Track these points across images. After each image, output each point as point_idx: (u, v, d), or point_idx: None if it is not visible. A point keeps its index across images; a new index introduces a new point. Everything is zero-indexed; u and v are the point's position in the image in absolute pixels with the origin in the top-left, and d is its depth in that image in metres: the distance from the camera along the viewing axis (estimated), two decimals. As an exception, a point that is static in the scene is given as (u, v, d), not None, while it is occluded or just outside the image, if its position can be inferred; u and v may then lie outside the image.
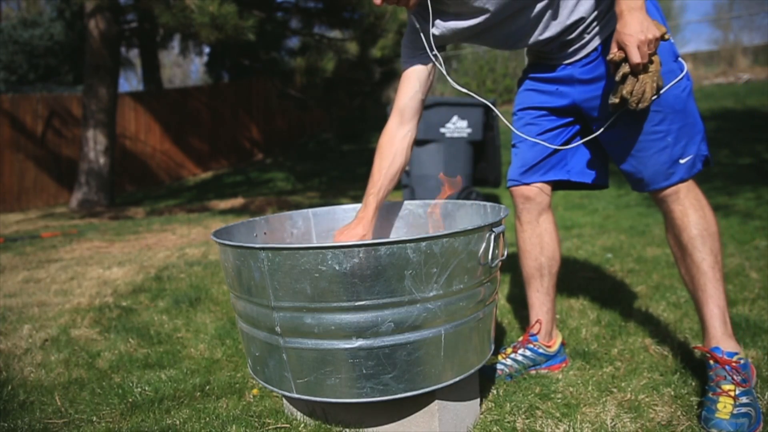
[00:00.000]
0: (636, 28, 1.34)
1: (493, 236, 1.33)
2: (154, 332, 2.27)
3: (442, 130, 5.00)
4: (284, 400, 1.56)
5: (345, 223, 1.86)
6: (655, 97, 1.42)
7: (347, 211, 1.90)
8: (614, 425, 1.43)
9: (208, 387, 1.75)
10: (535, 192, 1.78)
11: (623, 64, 1.39)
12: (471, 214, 1.73)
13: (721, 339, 1.51)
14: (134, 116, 11.12)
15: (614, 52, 1.40)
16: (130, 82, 25.08)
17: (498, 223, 1.38)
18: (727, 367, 1.46)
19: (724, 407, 1.40)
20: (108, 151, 8.05)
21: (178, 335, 2.24)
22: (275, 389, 1.39)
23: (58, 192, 9.84)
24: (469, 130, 5.11)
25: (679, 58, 1.53)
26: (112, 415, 1.59)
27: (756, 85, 11.67)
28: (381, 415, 1.39)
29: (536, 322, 1.82)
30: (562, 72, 1.68)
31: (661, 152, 1.54)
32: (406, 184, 5.19)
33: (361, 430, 1.40)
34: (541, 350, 1.79)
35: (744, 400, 1.42)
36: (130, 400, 1.66)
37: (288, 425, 1.47)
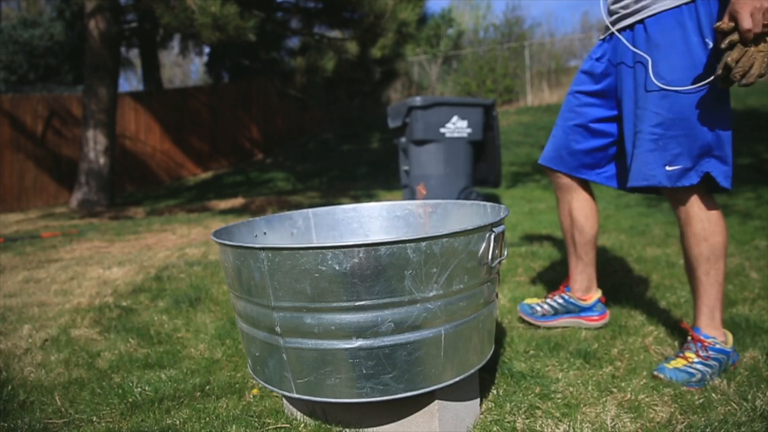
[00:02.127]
0: None
1: (493, 236, 1.33)
2: (154, 332, 2.27)
3: (442, 130, 5.00)
4: (284, 400, 1.56)
5: (345, 223, 1.88)
6: (757, 79, 1.36)
7: (347, 211, 1.90)
8: (614, 425, 1.43)
9: (208, 387, 1.75)
10: (564, 179, 2.01)
11: (733, 33, 1.34)
12: (471, 214, 1.73)
13: (705, 325, 1.70)
14: (134, 116, 11.12)
15: (724, 21, 1.36)
16: (130, 82, 25.07)
17: (498, 223, 1.38)
18: (698, 343, 1.66)
19: (676, 363, 1.63)
20: (108, 151, 8.05)
21: (178, 335, 2.24)
22: (275, 389, 1.39)
23: (58, 192, 9.84)
24: (469, 130, 5.11)
25: (716, 66, 1.50)
26: (112, 415, 1.59)
27: (756, 85, 11.67)
28: (381, 415, 1.39)
29: (568, 278, 2.15)
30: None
31: (650, 153, 1.59)
32: (405, 184, 5.19)
33: (361, 430, 1.40)
34: (572, 299, 2.09)
35: (698, 366, 1.57)
36: (130, 400, 1.66)
37: (288, 425, 1.47)
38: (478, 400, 1.53)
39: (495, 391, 1.64)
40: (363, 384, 1.28)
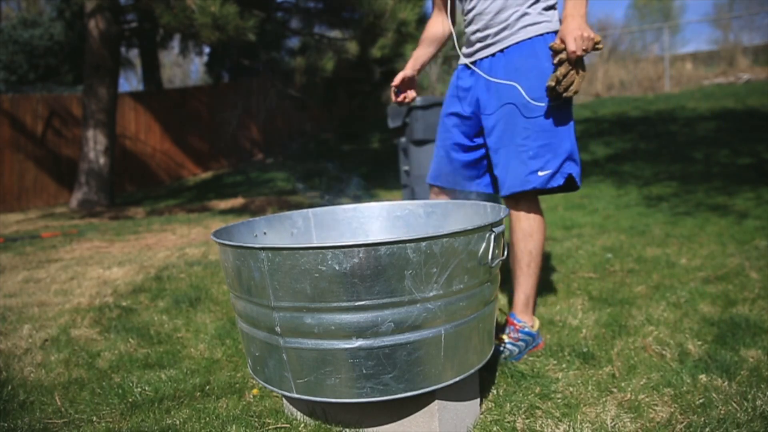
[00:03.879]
0: (575, 25, 1.69)
1: (493, 236, 1.33)
2: (154, 332, 2.27)
3: (442, 130, 4.99)
4: (284, 400, 1.56)
5: (345, 223, 1.88)
6: (573, 94, 1.73)
7: (347, 211, 1.90)
8: (614, 425, 1.43)
9: (208, 387, 1.75)
10: (448, 193, 2.14)
11: (562, 52, 1.68)
12: (471, 214, 1.73)
13: (519, 311, 1.93)
14: (134, 116, 11.12)
15: (556, 42, 1.70)
16: (130, 82, 25.08)
17: (498, 223, 1.38)
18: (511, 326, 1.90)
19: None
20: (108, 151, 8.05)
21: (178, 335, 2.24)
22: (275, 389, 1.39)
23: (58, 192, 9.84)
24: (469, 130, 5.11)
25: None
26: (112, 415, 1.59)
27: (756, 85, 11.68)
28: (381, 415, 1.39)
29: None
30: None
31: (523, 162, 1.83)
32: (405, 184, 5.19)
33: (361, 430, 1.40)
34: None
35: (508, 346, 1.85)
36: (130, 400, 1.66)
37: (288, 425, 1.47)
38: (478, 400, 1.53)
39: (495, 391, 1.64)
40: (363, 384, 1.28)
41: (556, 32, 1.84)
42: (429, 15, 2.26)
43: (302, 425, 1.46)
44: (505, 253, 1.44)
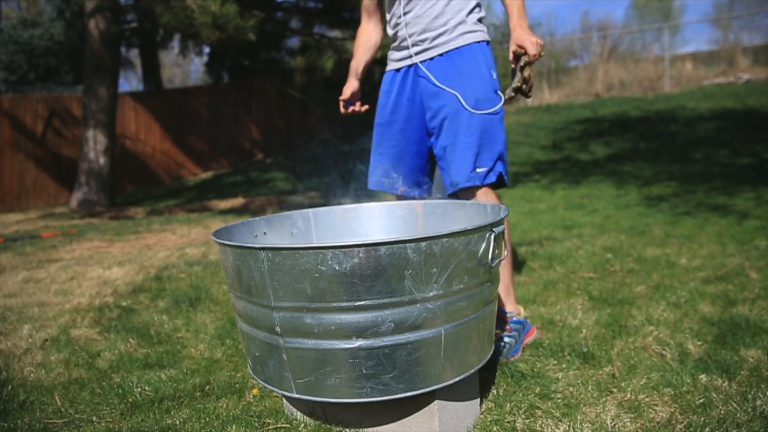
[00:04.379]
0: (528, 34, 1.81)
1: (493, 236, 1.33)
2: (154, 332, 2.27)
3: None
4: (284, 400, 1.56)
5: (345, 223, 1.88)
6: (531, 94, 1.85)
7: (347, 211, 1.90)
8: (614, 425, 1.43)
9: (208, 387, 1.75)
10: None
11: (523, 56, 1.79)
12: (471, 214, 1.73)
13: (502, 303, 1.98)
14: (134, 116, 11.11)
15: (517, 48, 1.80)
16: (130, 82, 25.07)
17: (498, 223, 1.38)
18: (500, 320, 1.92)
19: None
20: (108, 151, 8.05)
21: (178, 335, 2.24)
22: (275, 389, 1.39)
23: (58, 192, 9.84)
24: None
25: (498, 92, 1.93)
26: (112, 415, 1.59)
27: (756, 85, 11.68)
28: (381, 415, 1.39)
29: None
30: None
31: (466, 161, 1.91)
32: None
33: (361, 430, 1.40)
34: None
35: (505, 339, 1.89)
36: (130, 400, 1.66)
37: (288, 425, 1.47)
38: (478, 400, 1.53)
39: (495, 391, 1.64)
40: (363, 384, 1.28)
41: (488, 42, 2.00)
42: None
43: (302, 425, 1.46)
44: (506, 252, 1.44)
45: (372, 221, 1.90)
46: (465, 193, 1.95)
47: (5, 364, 2.00)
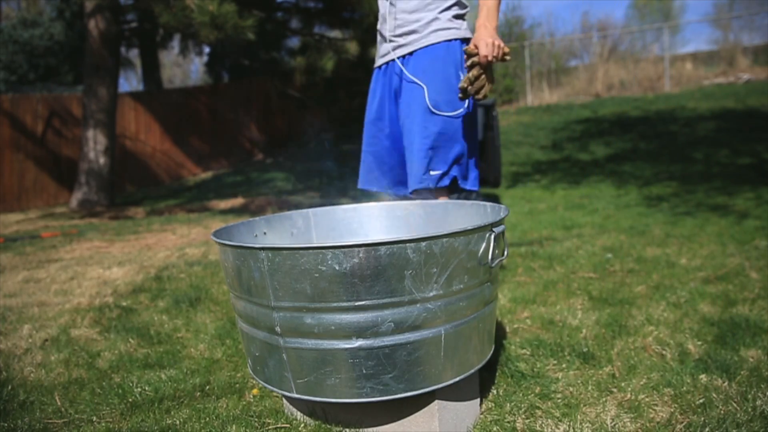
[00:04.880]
0: (487, 34, 1.81)
1: (493, 236, 1.33)
2: (154, 332, 2.27)
3: (442, 130, 4.99)
4: (284, 400, 1.56)
5: (345, 223, 1.88)
6: (483, 98, 1.85)
7: (347, 211, 1.90)
8: (614, 425, 1.43)
9: (208, 387, 1.75)
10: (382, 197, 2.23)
11: (475, 56, 1.80)
12: (471, 214, 1.73)
13: None
14: (134, 116, 11.12)
15: (471, 46, 1.81)
16: (130, 82, 25.08)
17: (498, 223, 1.38)
18: None
19: None
20: (108, 151, 8.05)
21: (178, 335, 2.24)
22: (275, 389, 1.39)
23: (58, 192, 9.84)
24: (469, 130, 5.10)
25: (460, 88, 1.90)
26: (112, 415, 1.59)
27: (756, 85, 11.68)
28: (381, 415, 1.39)
29: None
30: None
31: (420, 161, 1.92)
32: (406, 184, 5.18)
33: (361, 430, 1.40)
34: None
35: None
36: (130, 400, 1.66)
37: (288, 425, 1.47)
38: (478, 400, 1.53)
39: (495, 391, 1.64)
40: (363, 384, 1.28)
41: (463, 40, 1.95)
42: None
43: (302, 425, 1.46)
44: (505, 253, 1.44)
45: (372, 221, 1.89)
46: (418, 195, 1.97)
47: (5, 364, 2.00)
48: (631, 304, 2.35)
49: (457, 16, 1.96)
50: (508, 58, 1.83)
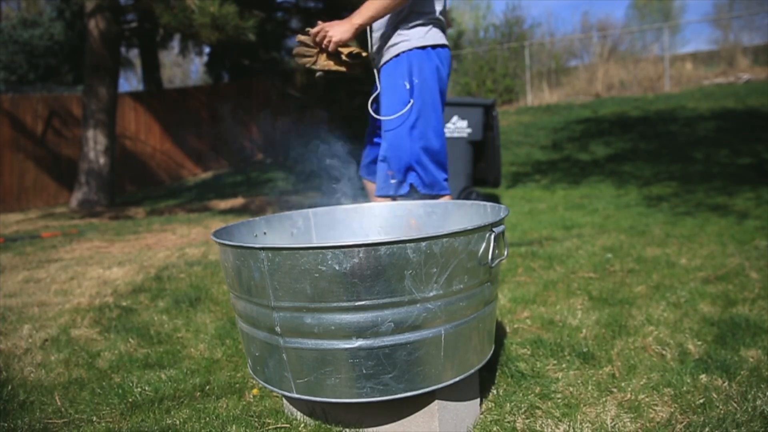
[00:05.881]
0: (337, 23, 1.92)
1: (493, 236, 1.33)
2: (154, 332, 2.27)
3: (442, 130, 4.99)
4: (284, 400, 1.56)
5: (345, 224, 1.89)
6: (319, 74, 2.00)
7: (347, 211, 1.90)
8: (614, 425, 1.43)
9: (208, 387, 1.75)
10: (370, 185, 2.23)
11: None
12: (471, 214, 1.73)
13: None
14: (134, 116, 11.12)
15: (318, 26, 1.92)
16: (130, 82, 25.08)
17: (498, 223, 1.38)
18: None
19: None
20: (108, 151, 8.05)
21: (178, 335, 2.24)
22: (275, 389, 1.39)
23: (58, 192, 9.84)
24: (469, 130, 5.12)
25: (410, 104, 1.95)
26: (112, 415, 1.59)
27: (756, 85, 11.68)
28: (381, 415, 1.39)
29: None
30: None
31: (381, 170, 2.02)
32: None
33: (361, 430, 1.40)
34: None
35: None
36: (130, 400, 1.66)
37: (288, 425, 1.47)
38: (478, 400, 1.53)
39: (495, 391, 1.64)
40: (363, 384, 1.28)
41: (412, 49, 1.96)
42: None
43: (302, 425, 1.46)
44: (505, 253, 1.44)
45: (372, 221, 1.90)
46: (383, 201, 2.04)
47: (5, 364, 2.00)
48: (631, 304, 2.35)
49: (411, 27, 1.97)
50: (365, 55, 1.97)
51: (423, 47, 1.96)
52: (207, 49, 12.80)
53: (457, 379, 1.35)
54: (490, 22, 17.57)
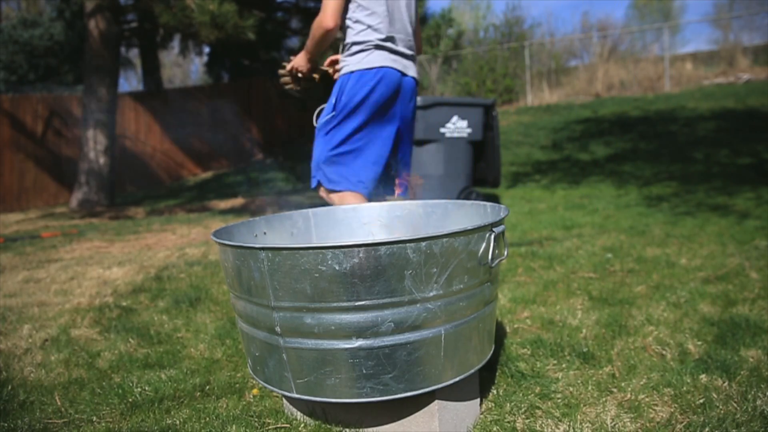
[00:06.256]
0: (298, 55, 2.43)
1: (493, 236, 1.33)
2: (154, 332, 2.27)
3: (442, 130, 5.00)
4: (284, 400, 1.56)
5: (345, 224, 1.88)
6: (295, 92, 2.58)
7: (347, 211, 1.90)
8: (614, 425, 1.43)
9: (208, 387, 1.75)
10: None
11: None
12: (471, 214, 1.73)
13: None
14: (134, 116, 11.12)
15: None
16: (130, 82, 25.08)
17: (498, 223, 1.38)
18: None
19: None
20: (108, 151, 8.05)
21: (178, 335, 2.24)
22: (275, 389, 1.39)
23: (58, 192, 9.84)
24: (469, 130, 5.11)
25: (336, 110, 2.27)
26: (112, 415, 1.59)
27: (756, 85, 11.68)
28: (381, 415, 1.39)
29: None
30: None
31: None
32: (406, 184, 5.18)
33: (361, 430, 1.40)
34: None
35: None
36: (130, 400, 1.66)
37: (288, 425, 1.47)
38: (478, 400, 1.53)
39: (495, 391, 1.64)
40: (363, 384, 1.28)
41: (353, 72, 2.24)
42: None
43: (302, 425, 1.46)
44: (505, 253, 1.44)
45: (372, 221, 1.89)
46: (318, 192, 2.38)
47: (5, 364, 2.00)
48: (631, 304, 2.35)
49: (354, 53, 2.25)
50: (294, 71, 2.44)
51: (353, 72, 2.25)
52: (207, 49, 12.80)
53: (457, 379, 1.35)
54: (490, 22, 17.57)
